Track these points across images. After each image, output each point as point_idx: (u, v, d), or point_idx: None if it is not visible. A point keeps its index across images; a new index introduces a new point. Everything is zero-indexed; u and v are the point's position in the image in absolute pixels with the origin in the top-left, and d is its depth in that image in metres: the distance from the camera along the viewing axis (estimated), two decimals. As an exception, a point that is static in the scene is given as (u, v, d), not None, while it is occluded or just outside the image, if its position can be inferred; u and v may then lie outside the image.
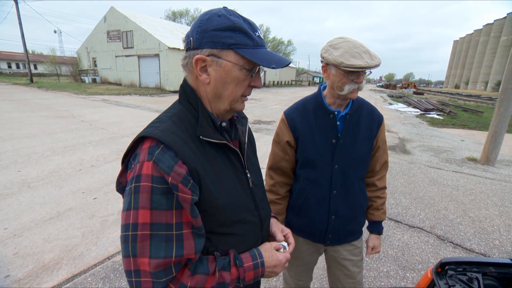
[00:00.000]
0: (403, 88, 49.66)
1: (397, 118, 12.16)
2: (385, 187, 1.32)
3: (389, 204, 3.67)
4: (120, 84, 25.70)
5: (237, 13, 0.67)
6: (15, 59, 56.54)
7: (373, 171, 1.29)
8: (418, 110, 15.62)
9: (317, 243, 1.30)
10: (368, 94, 31.86)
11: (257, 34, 0.66)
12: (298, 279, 1.41)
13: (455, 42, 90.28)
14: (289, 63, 0.69)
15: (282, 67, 0.67)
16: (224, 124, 0.74)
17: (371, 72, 1.07)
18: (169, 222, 0.59)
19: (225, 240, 0.72)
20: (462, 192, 4.17)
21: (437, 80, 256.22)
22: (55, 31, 65.91)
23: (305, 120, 1.20)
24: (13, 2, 23.36)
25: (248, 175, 0.79)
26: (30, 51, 55.91)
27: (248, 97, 0.74)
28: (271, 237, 0.89)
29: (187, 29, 27.82)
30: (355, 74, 1.03)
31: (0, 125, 7.21)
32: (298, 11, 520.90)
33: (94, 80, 27.74)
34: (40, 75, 40.75)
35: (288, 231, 0.91)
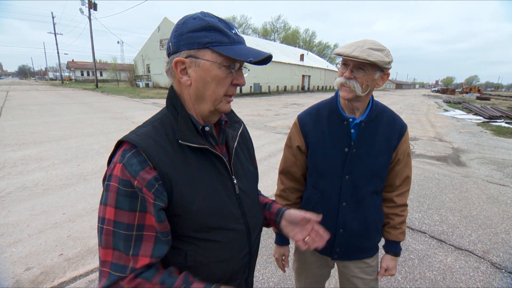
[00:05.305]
0: (464, 93, 44.37)
1: (453, 126, 10.88)
2: (405, 205, 1.19)
3: (432, 221, 3.31)
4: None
5: (213, 14, 0.67)
6: (86, 68, 65.75)
7: (391, 186, 1.17)
8: (481, 118, 13.75)
9: (325, 256, 1.24)
10: (420, 99, 29.16)
11: (233, 31, 0.66)
12: (308, 291, 1.35)
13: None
14: (269, 56, 0.66)
15: (260, 60, 0.65)
16: (207, 128, 0.73)
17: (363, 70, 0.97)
18: (131, 222, 0.61)
19: (204, 246, 0.71)
20: (530, 215, 3.56)
21: (511, 83, 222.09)
22: (118, 42, 74.45)
23: (317, 125, 1.15)
24: (87, 20, 27.19)
25: (235, 181, 0.77)
26: (98, 60, 63.97)
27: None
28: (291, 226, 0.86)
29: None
30: (345, 66, 1.01)
31: (70, 125, 8.40)
32: (346, 15, 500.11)
33: (147, 85, 30.51)
34: (104, 81, 46.46)
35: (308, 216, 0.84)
